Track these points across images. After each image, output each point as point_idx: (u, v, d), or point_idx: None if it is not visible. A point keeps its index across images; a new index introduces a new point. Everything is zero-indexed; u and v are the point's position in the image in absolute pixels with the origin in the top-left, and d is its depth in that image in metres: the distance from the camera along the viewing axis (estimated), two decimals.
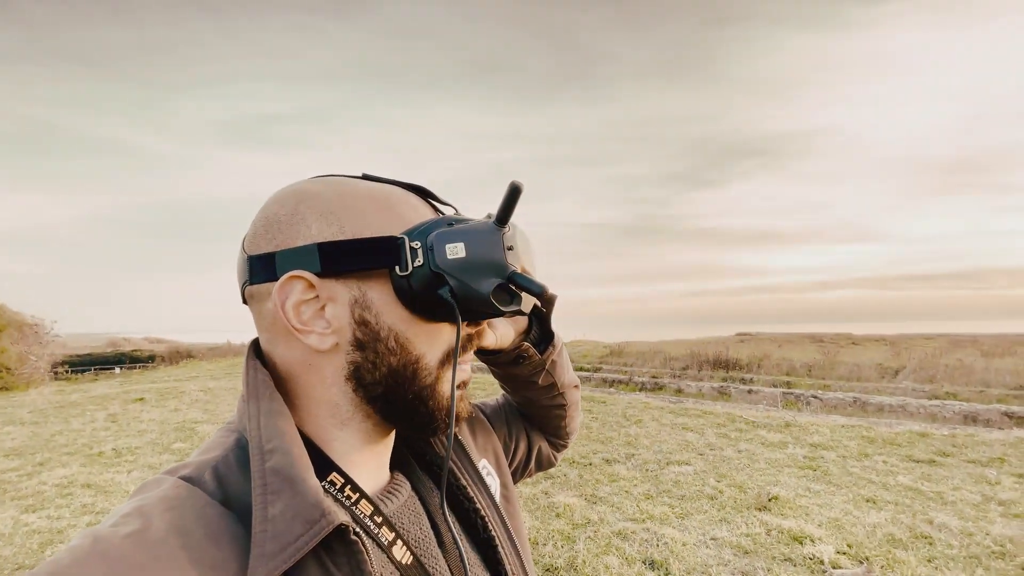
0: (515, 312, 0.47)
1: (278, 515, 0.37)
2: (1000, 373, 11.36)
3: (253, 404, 0.43)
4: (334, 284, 0.44)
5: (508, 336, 0.62)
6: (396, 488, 0.51)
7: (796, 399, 9.57)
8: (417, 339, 0.45)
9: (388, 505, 0.49)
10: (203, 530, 0.37)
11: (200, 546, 0.36)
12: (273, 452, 0.40)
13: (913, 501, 4.25)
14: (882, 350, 17.74)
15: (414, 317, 0.45)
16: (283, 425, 0.42)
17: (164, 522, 0.36)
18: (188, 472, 0.41)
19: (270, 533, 0.37)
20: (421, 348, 0.45)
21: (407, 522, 0.49)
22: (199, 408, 9.03)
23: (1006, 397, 9.34)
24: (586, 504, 4.24)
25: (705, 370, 14.22)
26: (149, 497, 0.38)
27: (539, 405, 0.73)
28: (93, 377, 20.16)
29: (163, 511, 0.37)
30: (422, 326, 0.45)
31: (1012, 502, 4.16)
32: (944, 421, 7.88)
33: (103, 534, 0.34)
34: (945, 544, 3.46)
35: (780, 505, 4.13)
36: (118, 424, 7.76)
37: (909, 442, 6.06)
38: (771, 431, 6.70)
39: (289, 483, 0.38)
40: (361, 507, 0.45)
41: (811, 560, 3.24)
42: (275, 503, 0.38)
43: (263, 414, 0.42)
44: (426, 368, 0.46)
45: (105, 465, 5.53)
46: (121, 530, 0.35)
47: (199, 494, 0.39)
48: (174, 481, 0.40)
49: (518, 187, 0.44)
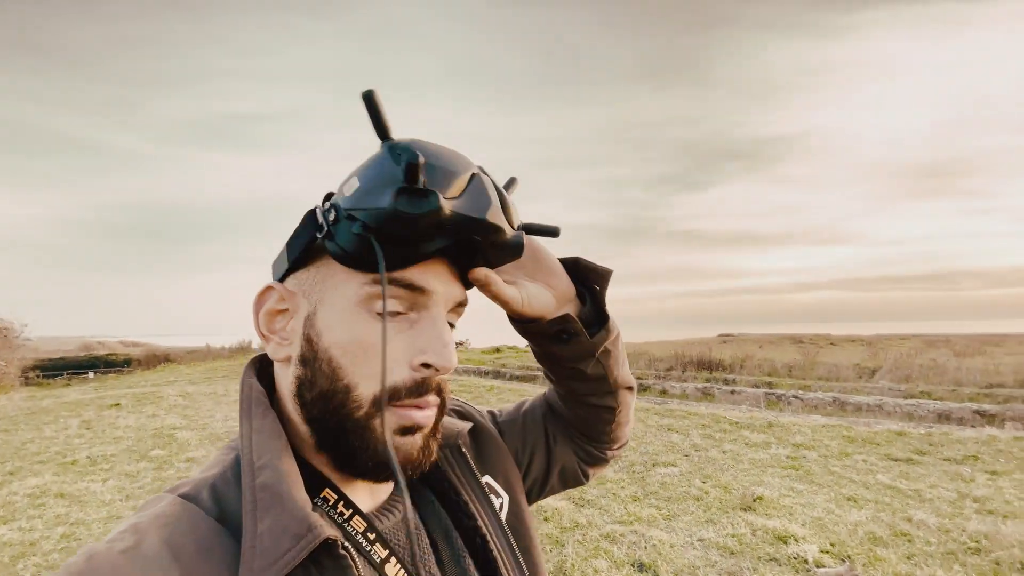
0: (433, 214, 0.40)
1: (266, 531, 0.38)
2: (971, 372, 11.69)
3: (245, 422, 0.44)
4: (301, 297, 0.46)
5: (543, 301, 0.55)
6: (394, 504, 0.51)
7: (778, 399, 9.72)
8: (350, 366, 0.43)
9: (384, 522, 0.48)
10: (195, 545, 0.37)
11: (192, 561, 0.37)
12: (263, 468, 0.40)
13: (892, 499, 4.35)
14: (859, 350, 18.14)
15: (362, 346, 0.42)
16: (273, 442, 0.42)
17: (157, 538, 0.37)
18: (187, 490, 0.42)
19: (258, 549, 0.37)
20: (353, 377, 0.42)
21: (403, 539, 0.48)
22: (178, 414, 8.83)
23: (977, 396, 9.62)
24: (574, 507, 4.25)
25: (689, 371, 14.37)
26: (146, 514, 0.39)
27: (586, 403, 0.64)
28: (66, 382, 19.59)
29: (158, 527, 0.38)
30: (357, 353, 0.42)
31: (986, 499, 4.28)
32: (919, 420, 8.08)
33: (99, 550, 0.36)
34: (924, 541, 3.54)
35: (764, 505, 4.19)
36: (93, 431, 7.54)
37: (887, 441, 6.20)
38: (754, 431, 6.80)
39: (278, 499, 0.39)
40: (354, 523, 0.45)
41: (795, 559, 3.28)
42: (264, 519, 0.38)
43: (255, 431, 0.43)
44: (356, 399, 0.42)
45: (79, 474, 5.37)
46: (116, 546, 0.36)
47: (194, 510, 0.40)
48: (172, 499, 0.41)
49: (368, 94, 0.40)
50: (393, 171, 0.41)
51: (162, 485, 4.93)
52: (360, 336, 0.43)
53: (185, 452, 6.17)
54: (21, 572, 3.26)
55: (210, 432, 7.26)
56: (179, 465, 5.63)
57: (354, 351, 0.43)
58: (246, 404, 0.45)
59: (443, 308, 0.45)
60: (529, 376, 14.29)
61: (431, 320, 0.44)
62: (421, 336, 0.44)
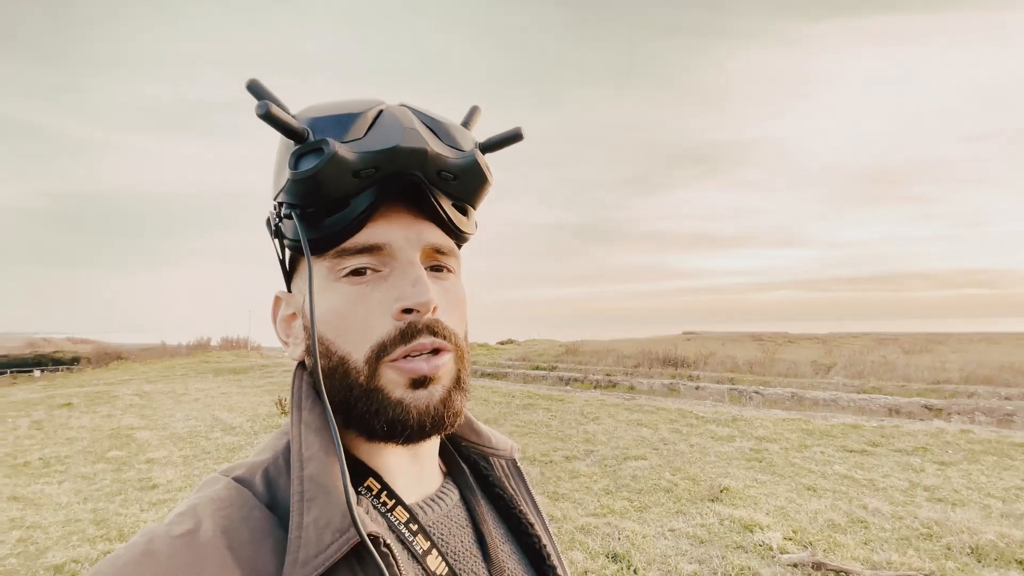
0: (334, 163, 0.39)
1: (311, 523, 0.38)
2: (919, 369, 12.36)
3: (295, 412, 0.45)
4: (298, 295, 0.48)
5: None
6: (441, 497, 0.50)
7: (740, 395, 10.06)
8: (338, 339, 0.43)
9: (428, 514, 0.48)
10: (248, 533, 0.38)
11: (245, 548, 0.37)
12: (310, 460, 0.41)
13: (849, 488, 4.58)
14: (815, 348, 18.89)
15: (340, 315, 0.43)
16: (319, 434, 0.42)
17: (213, 523, 0.37)
18: (241, 473, 0.42)
19: (303, 540, 0.37)
20: (344, 347, 0.43)
21: (446, 532, 0.48)
22: (135, 413, 8.49)
23: (925, 391, 10.18)
24: (549, 501, 4.31)
25: (656, 368, 14.69)
26: (203, 497, 0.40)
27: None
28: (11, 380, 18.55)
29: (213, 511, 0.38)
30: (338, 323, 0.43)
31: (935, 487, 4.56)
32: (872, 413, 8.50)
33: (158, 532, 0.36)
34: (879, 528, 3.75)
35: (731, 496, 4.34)
36: (44, 431, 7.19)
37: (843, 433, 6.50)
38: (720, 425, 7.02)
39: (323, 491, 0.39)
40: (396, 514, 0.45)
41: (761, 547, 3.43)
42: (310, 510, 0.38)
43: (303, 423, 0.43)
44: (354, 367, 0.42)
45: (32, 476, 5.12)
46: (175, 529, 0.36)
47: (248, 495, 0.40)
48: (227, 482, 0.41)
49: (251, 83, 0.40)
50: (286, 145, 0.41)
51: (123, 487, 4.74)
52: (334, 306, 0.43)
53: (145, 453, 5.95)
54: (108, 555, 3.09)
55: (171, 432, 7.01)
56: (140, 466, 5.42)
57: (335, 322, 0.43)
58: (296, 398, 0.46)
59: (413, 254, 0.44)
60: (500, 373, 14.33)
61: (400, 269, 0.43)
62: (394, 287, 0.43)
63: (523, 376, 13.73)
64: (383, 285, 0.43)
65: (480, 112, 0.52)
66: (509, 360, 17.70)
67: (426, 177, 0.43)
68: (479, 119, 0.52)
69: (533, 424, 7.37)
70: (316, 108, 0.43)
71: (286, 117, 0.39)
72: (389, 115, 0.42)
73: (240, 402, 9.57)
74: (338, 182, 0.40)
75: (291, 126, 0.39)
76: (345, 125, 0.41)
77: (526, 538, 0.54)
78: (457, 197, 0.47)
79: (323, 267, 0.44)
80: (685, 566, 3.19)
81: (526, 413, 8.19)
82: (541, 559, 0.53)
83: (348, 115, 0.41)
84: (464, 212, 0.48)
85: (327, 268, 0.43)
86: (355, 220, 0.42)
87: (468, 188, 0.47)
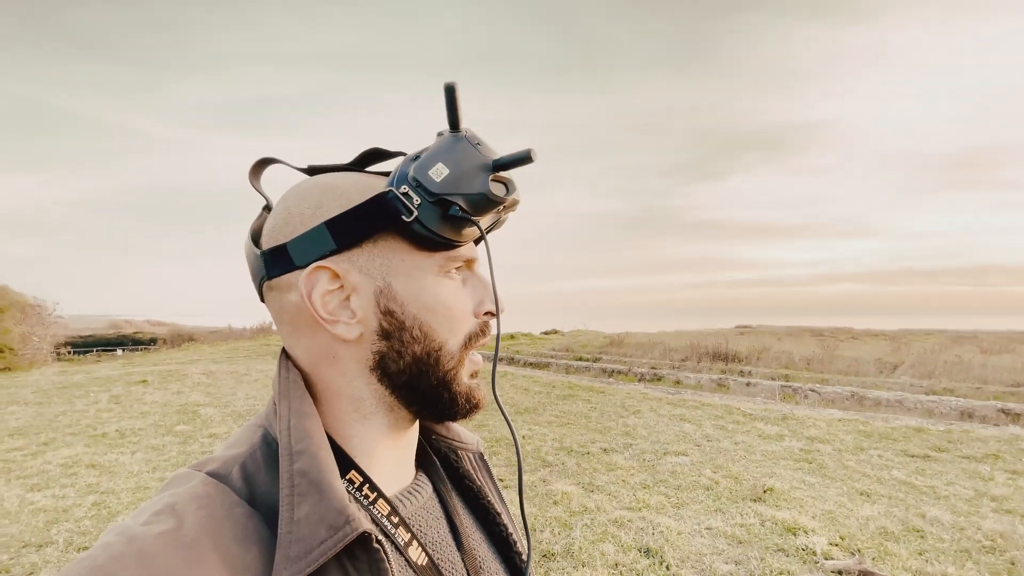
0: (511, 200, 0.48)
1: (303, 518, 0.37)
2: (998, 370, 11.39)
3: (284, 404, 0.43)
4: (357, 275, 0.45)
5: None
6: (417, 489, 0.52)
7: (794, 392, 9.62)
8: (440, 327, 0.47)
9: (406, 506, 0.49)
10: (232, 531, 0.37)
11: (229, 547, 0.36)
12: (301, 454, 0.40)
13: (906, 495, 4.31)
14: (881, 345, 17.76)
15: (447, 306, 0.47)
16: (311, 427, 0.42)
17: (195, 521, 0.36)
18: (215, 468, 0.42)
19: (295, 536, 0.37)
20: (444, 335, 0.47)
21: (424, 524, 0.49)
22: (201, 391, 9.10)
23: (1003, 394, 9.38)
24: (583, 492, 4.30)
25: (704, 362, 14.26)
26: (180, 494, 0.38)
27: None
28: (96, 358, 20.27)
29: (194, 509, 0.37)
30: (444, 314, 0.47)
31: (1004, 498, 4.21)
32: (940, 417, 7.93)
33: (137, 533, 0.35)
34: (936, 538, 3.51)
35: (775, 497, 4.18)
36: (121, 405, 7.83)
37: (905, 437, 6.11)
38: (768, 424, 6.76)
39: (316, 487, 0.39)
40: (378, 507, 0.45)
41: (804, 551, 3.29)
42: (301, 506, 0.38)
43: (293, 414, 0.43)
44: (449, 354, 0.47)
45: (109, 446, 5.60)
46: (154, 529, 0.35)
47: (227, 492, 0.40)
48: (202, 477, 0.40)
49: (450, 87, 0.45)
50: (479, 159, 0.46)
51: (187, 459, 5.11)
52: (444, 299, 0.47)
53: (208, 428, 6.38)
54: (55, 537, 3.43)
55: (232, 410, 7.48)
56: (203, 440, 5.82)
57: (443, 312, 0.47)
58: (284, 387, 0.45)
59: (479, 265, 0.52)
60: (542, 363, 14.35)
61: (478, 277, 0.51)
62: (477, 291, 0.50)
63: (565, 367, 13.68)
64: (467, 287, 0.50)
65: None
66: (552, 350, 17.67)
67: None
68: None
69: (572, 415, 7.35)
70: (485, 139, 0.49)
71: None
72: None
73: None
74: (494, 209, 0.47)
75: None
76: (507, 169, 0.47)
77: (493, 527, 0.57)
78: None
79: (435, 261, 0.47)
80: (720, 566, 3.11)
81: (565, 403, 8.17)
82: (508, 546, 0.57)
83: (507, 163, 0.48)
84: None
85: (439, 264, 0.47)
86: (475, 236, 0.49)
87: None
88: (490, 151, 0.46)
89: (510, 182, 0.48)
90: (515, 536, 0.57)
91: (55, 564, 3.09)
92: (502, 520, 0.57)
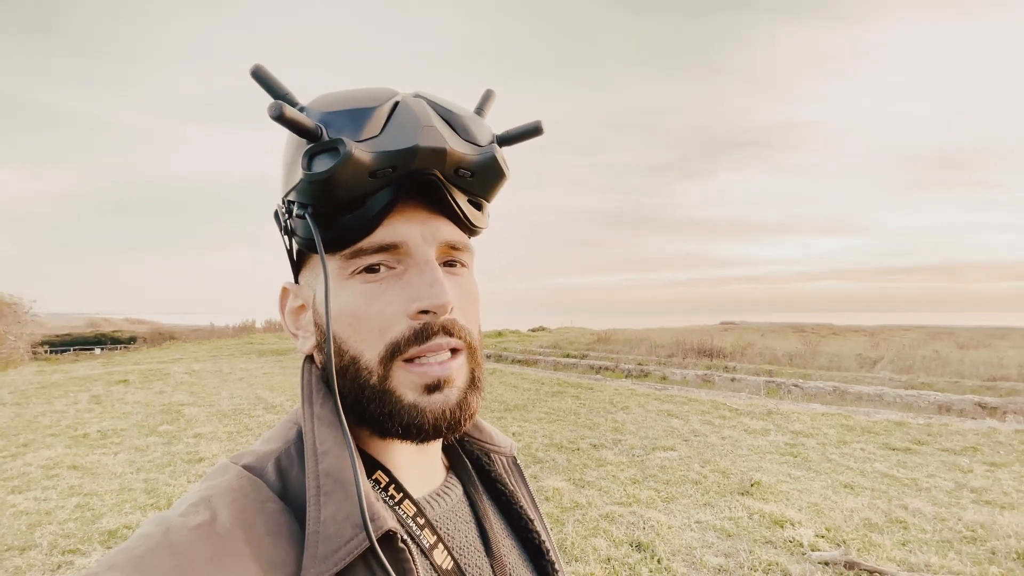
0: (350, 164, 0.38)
1: (330, 517, 0.38)
2: (974, 365, 11.68)
3: (307, 406, 0.44)
4: (306, 289, 0.48)
5: None
6: (446, 491, 0.51)
7: (778, 387, 9.77)
8: (350, 337, 0.42)
9: (434, 508, 0.48)
10: (265, 525, 0.37)
11: (262, 541, 0.36)
12: (326, 454, 0.40)
13: (889, 487, 4.40)
14: (862, 340, 18.11)
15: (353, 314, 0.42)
16: (332, 428, 0.42)
17: (229, 514, 0.37)
18: (251, 461, 0.42)
19: (322, 535, 0.37)
20: (357, 346, 0.42)
21: (452, 527, 0.48)
22: (185, 391, 8.96)
23: (979, 388, 9.63)
24: (574, 488, 4.32)
25: (690, 358, 14.42)
26: (216, 487, 0.39)
27: None
28: (74, 358, 19.82)
29: (229, 502, 0.37)
30: (350, 322, 0.42)
31: (984, 489, 4.33)
32: (920, 411, 8.12)
33: (174, 524, 0.35)
34: (919, 529, 3.60)
35: (762, 490, 4.25)
36: (102, 405, 7.67)
37: (886, 431, 6.24)
38: (754, 418, 6.86)
39: (341, 486, 0.39)
40: (404, 507, 0.45)
41: (791, 543, 3.35)
42: (328, 505, 0.38)
43: (316, 416, 0.43)
44: (367, 368, 0.42)
45: (91, 447, 5.49)
46: (190, 520, 0.36)
47: (261, 487, 0.40)
48: (238, 471, 0.41)
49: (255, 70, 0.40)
50: (297, 141, 0.40)
51: (172, 460, 5.03)
52: (348, 304, 0.42)
53: (193, 428, 6.28)
54: (38, 540, 3.35)
55: (217, 409, 7.37)
56: (187, 440, 5.73)
57: (349, 321, 0.42)
58: (307, 391, 0.45)
59: (429, 252, 0.43)
60: (531, 360, 14.39)
61: (416, 267, 0.42)
62: (410, 285, 0.42)
63: (553, 363, 13.72)
64: (398, 284, 0.42)
65: (495, 97, 0.50)
66: (540, 347, 17.71)
67: (444, 175, 0.42)
68: (493, 104, 0.50)
69: (561, 411, 7.38)
70: (328, 100, 0.41)
71: (299, 117, 0.37)
72: (405, 109, 0.41)
73: (281, 382, 9.96)
74: (354, 183, 0.39)
75: (305, 126, 0.38)
76: (360, 121, 0.39)
77: (525, 533, 0.55)
78: (473, 193, 0.46)
79: (335, 264, 0.43)
80: (711, 559, 3.16)
81: (555, 400, 8.20)
82: (540, 554, 0.54)
83: (363, 110, 0.40)
84: (479, 207, 0.47)
85: (339, 266, 0.43)
86: (371, 219, 0.41)
87: (485, 184, 0.46)
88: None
89: (340, 142, 0.37)
90: (548, 544, 0.55)
91: (39, 567, 3.02)
92: (535, 527, 0.55)
